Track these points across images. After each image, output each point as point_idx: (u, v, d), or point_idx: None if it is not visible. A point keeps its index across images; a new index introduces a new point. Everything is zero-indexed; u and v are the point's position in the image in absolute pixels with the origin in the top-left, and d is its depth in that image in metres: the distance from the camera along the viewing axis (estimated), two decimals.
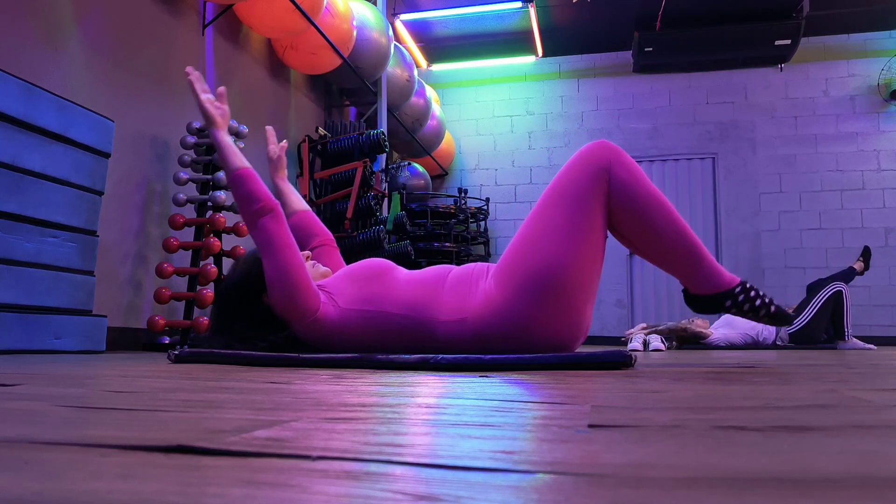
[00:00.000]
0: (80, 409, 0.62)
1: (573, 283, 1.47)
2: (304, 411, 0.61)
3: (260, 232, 1.55)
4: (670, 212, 1.49)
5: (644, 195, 1.48)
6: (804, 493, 0.29)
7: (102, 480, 0.33)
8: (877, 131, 6.09)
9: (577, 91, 6.68)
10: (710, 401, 0.71)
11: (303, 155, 4.49)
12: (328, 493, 0.30)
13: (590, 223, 1.48)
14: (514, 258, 1.51)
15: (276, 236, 1.54)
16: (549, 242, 1.47)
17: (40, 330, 2.19)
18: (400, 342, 1.58)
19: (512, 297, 1.48)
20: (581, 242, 1.47)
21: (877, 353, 2.78)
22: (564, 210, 1.48)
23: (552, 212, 1.50)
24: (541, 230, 1.49)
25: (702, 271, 1.50)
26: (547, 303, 1.46)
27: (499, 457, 0.39)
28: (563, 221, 1.48)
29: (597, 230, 1.49)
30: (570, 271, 1.46)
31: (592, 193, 1.48)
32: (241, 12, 3.72)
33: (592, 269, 1.51)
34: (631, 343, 3.90)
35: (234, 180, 1.58)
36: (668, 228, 1.48)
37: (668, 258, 1.51)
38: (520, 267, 1.49)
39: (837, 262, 5.99)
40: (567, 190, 1.50)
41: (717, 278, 1.51)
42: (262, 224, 1.55)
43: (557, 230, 1.47)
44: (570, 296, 1.48)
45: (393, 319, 1.56)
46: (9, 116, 2.12)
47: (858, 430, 0.49)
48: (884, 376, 1.14)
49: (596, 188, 1.48)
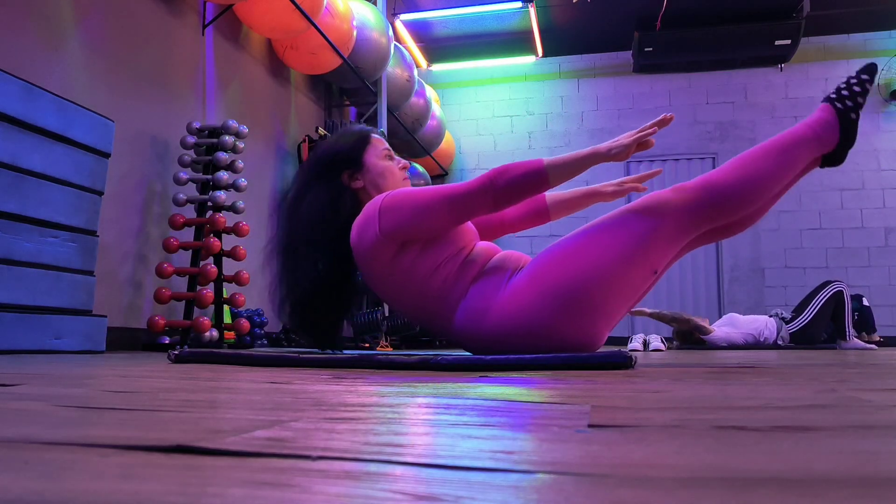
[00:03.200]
0: (80, 409, 0.62)
1: (603, 304, 1.46)
2: (304, 411, 0.61)
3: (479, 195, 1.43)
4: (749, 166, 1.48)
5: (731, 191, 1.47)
6: (804, 493, 0.29)
7: (102, 480, 0.33)
8: (877, 131, 6.09)
9: (577, 91, 6.68)
10: (710, 401, 0.71)
11: (303, 155, 4.49)
12: (328, 493, 0.30)
13: (647, 260, 1.47)
14: (554, 263, 1.49)
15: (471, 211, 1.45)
16: (596, 260, 1.46)
17: (40, 330, 2.19)
18: (417, 314, 1.56)
19: (538, 300, 1.46)
20: (627, 271, 1.46)
21: (877, 353, 2.79)
22: (627, 239, 1.47)
23: (616, 234, 1.48)
24: (593, 246, 1.47)
25: (813, 141, 1.50)
26: (571, 315, 1.46)
27: (499, 457, 0.39)
28: (621, 248, 1.46)
29: (649, 267, 1.48)
30: (605, 292, 1.45)
31: (678, 238, 1.49)
32: (241, 12, 3.72)
33: (625, 297, 1.50)
34: (631, 343, 3.91)
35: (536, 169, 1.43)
36: (767, 174, 1.47)
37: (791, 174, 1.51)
38: (557, 273, 1.47)
39: (837, 262, 5.99)
40: (644, 227, 1.49)
41: (822, 124, 1.50)
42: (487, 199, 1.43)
43: (610, 252, 1.46)
44: (596, 315, 1.47)
45: (423, 292, 1.53)
46: (9, 116, 2.12)
47: (858, 430, 0.49)
48: (884, 376, 1.14)
49: (685, 234, 1.49)
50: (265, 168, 4.38)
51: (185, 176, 3.13)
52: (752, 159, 1.49)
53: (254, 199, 4.14)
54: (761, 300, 6.06)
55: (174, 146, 3.39)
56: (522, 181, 1.43)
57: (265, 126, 4.39)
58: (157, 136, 3.30)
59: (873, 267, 5.96)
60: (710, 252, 6.25)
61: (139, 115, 3.17)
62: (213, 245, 3.10)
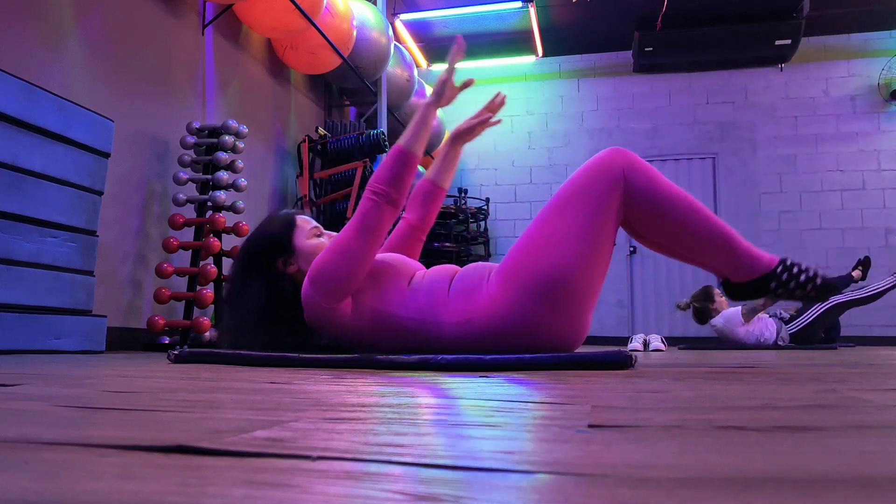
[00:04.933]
0: (80, 409, 0.62)
1: (578, 289, 1.47)
2: (304, 411, 0.61)
3: (374, 210, 1.50)
4: (694, 206, 1.47)
5: (666, 196, 1.46)
6: (804, 493, 0.29)
7: (102, 480, 0.33)
8: (877, 131, 6.09)
9: (577, 91, 6.68)
10: (710, 401, 0.71)
11: (303, 155, 4.49)
12: (328, 494, 0.30)
13: (600, 231, 1.47)
14: (520, 260, 1.50)
15: (381, 226, 1.50)
16: (558, 248, 1.46)
17: (40, 330, 2.19)
18: (408, 344, 1.57)
19: (516, 299, 1.47)
20: (589, 250, 1.46)
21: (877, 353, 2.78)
22: (575, 217, 1.47)
23: (562, 217, 1.49)
24: (549, 235, 1.48)
25: (740, 258, 1.46)
26: (550, 306, 1.47)
27: (499, 457, 0.39)
28: (573, 228, 1.47)
29: (606, 239, 1.49)
30: (577, 277, 1.46)
31: (606, 203, 1.47)
32: (241, 12, 3.72)
33: (597, 276, 1.51)
34: (631, 343, 3.91)
35: (397, 154, 1.53)
36: (696, 224, 1.45)
37: (703, 253, 1.48)
38: (525, 270, 1.48)
39: (838, 262, 5.99)
40: (579, 197, 1.49)
41: (756, 262, 1.47)
42: (382, 207, 1.50)
43: (566, 236, 1.46)
44: (574, 301, 1.48)
45: (403, 325, 1.54)
46: (9, 116, 2.12)
47: (858, 430, 0.49)
48: (884, 376, 1.14)
49: (609, 198, 1.47)
50: (265, 168, 4.38)
51: (184, 176, 3.13)
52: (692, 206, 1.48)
53: (254, 199, 4.14)
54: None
55: (174, 146, 3.39)
56: (394, 169, 1.53)
57: (265, 126, 4.39)
58: (157, 136, 3.30)
59: (873, 267, 5.94)
60: None
61: (139, 115, 3.17)
62: (213, 245, 3.10)
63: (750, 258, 1.47)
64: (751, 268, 1.47)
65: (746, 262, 1.47)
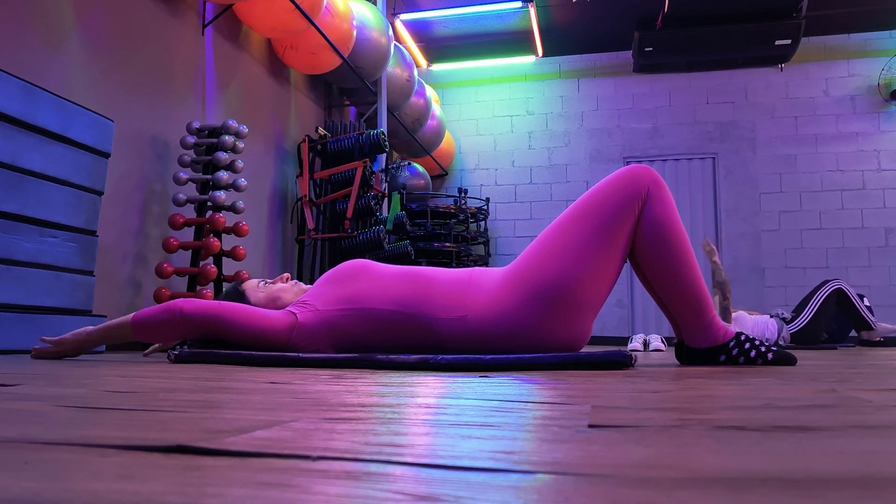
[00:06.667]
0: (80, 409, 0.62)
1: (581, 299, 1.48)
2: (304, 411, 0.61)
3: (189, 319, 1.56)
4: (690, 257, 1.50)
5: (673, 234, 1.48)
6: (804, 493, 0.29)
7: (102, 480, 0.33)
8: (877, 131, 6.09)
9: (578, 91, 6.68)
10: (710, 401, 0.71)
11: (303, 155, 4.49)
12: (328, 494, 0.30)
13: (614, 244, 1.48)
14: (532, 264, 1.51)
15: (201, 310, 1.57)
16: (571, 256, 1.48)
17: (40, 330, 2.19)
18: (398, 337, 1.57)
19: (521, 302, 1.48)
20: (602, 261, 1.48)
21: (877, 353, 2.78)
22: (592, 227, 1.48)
23: (579, 226, 1.50)
24: (564, 242, 1.49)
25: (703, 322, 1.52)
26: (556, 312, 1.48)
27: (499, 457, 0.39)
28: (589, 238, 1.48)
29: (619, 252, 1.50)
30: (581, 287, 1.47)
31: (624, 216, 1.48)
32: (241, 12, 3.72)
33: (603, 288, 1.52)
34: (631, 343, 3.91)
35: (136, 329, 1.58)
36: (685, 273, 1.48)
37: (677, 302, 1.52)
38: (531, 274, 1.49)
39: (838, 262, 5.99)
40: (599, 207, 1.50)
41: (715, 332, 1.53)
42: (182, 316, 1.56)
43: (581, 245, 1.48)
44: (576, 310, 1.49)
45: (382, 315, 1.56)
46: (9, 116, 2.12)
47: (858, 430, 0.49)
48: (884, 376, 1.14)
49: (628, 212, 1.48)
50: (265, 168, 4.38)
51: (184, 176, 3.13)
52: (690, 256, 1.51)
53: (254, 199, 4.14)
54: (761, 300, 6.06)
55: (174, 146, 3.39)
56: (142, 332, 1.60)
57: (265, 126, 4.39)
58: (157, 136, 3.30)
59: (873, 267, 5.96)
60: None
61: (139, 115, 3.17)
62: (213, 245, 3.10)
63: (712, 327, 1.53)
64: (709, 336, 1.53)
65: (705, 329, 1.53)
